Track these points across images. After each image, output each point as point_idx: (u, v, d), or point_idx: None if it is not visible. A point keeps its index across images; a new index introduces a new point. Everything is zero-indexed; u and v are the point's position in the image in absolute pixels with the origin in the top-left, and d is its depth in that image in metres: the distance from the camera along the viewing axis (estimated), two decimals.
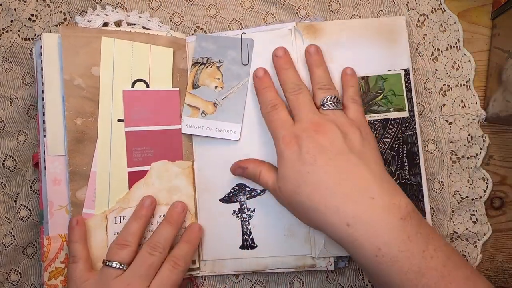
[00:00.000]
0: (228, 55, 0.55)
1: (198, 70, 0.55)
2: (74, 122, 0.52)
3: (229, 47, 0.55)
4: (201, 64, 0.55)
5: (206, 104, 0.55)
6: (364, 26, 0.55)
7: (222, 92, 0.55)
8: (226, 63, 0.55)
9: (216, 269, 0.56)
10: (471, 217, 0.58)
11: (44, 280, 0.52)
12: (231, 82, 0.55)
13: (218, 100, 0.55)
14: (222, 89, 0.55)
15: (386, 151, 0.54)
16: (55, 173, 0.52)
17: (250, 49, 0.55)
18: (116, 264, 0.47)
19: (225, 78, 0.55)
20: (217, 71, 0.55)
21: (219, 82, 0.55)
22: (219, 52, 0.55)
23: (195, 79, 0.55)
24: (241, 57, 0.55)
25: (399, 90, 0.55)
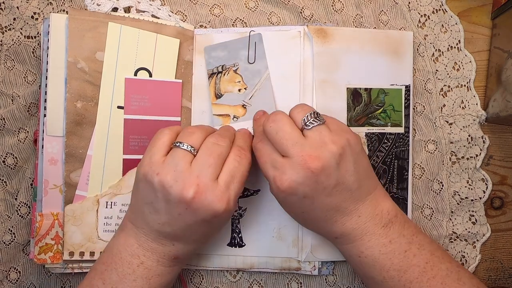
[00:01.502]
0: (242, 56, 0.55)
1: (216, 80, 0.55)
2: (75, 104, 0.52)
3: (240, 48, 0.55)
4: (217, 73, 0.55)
5: (236, 109, 0.55)
6: (373, 37, 0.55)
7: (247, 92, 0.55)
8: (241, 64, 0.55)
9: (202, 263, 0.57)
10: (470, 218, 0.58)
11: (34, 254, 0.53)
12: (253, 80, 0.55)
13: (245, 101, 0.55)
14: (246, 90, 0.55)
15: (378, 164, 0.55)
16: (52, 153, 0.53)
17: (258, 44, 0.55)
18: (186, 146, 0.46)
19: (246, 78, 0.55)
20: (236, 74, 0.55)
21: (241, 84, 0.55)
22: (231, 56, 0.55)
23: (217, 89, 0.55)
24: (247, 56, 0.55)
25: (399, 105, 0.56)
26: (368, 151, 0.55)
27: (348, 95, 0.55)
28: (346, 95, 0.55)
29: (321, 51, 0.54)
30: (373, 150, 0.55)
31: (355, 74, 0.55)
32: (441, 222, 0.58)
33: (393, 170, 0.55)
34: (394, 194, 0.55)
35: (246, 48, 0.55)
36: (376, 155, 0.55)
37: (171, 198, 0.44)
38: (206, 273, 0.58)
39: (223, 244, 0.56)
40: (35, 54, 0.56)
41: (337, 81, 0.54)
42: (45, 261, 0.53)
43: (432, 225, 0.58)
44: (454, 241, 0.58)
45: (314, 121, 0.46)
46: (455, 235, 0.58)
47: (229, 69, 0.55)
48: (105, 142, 0.53)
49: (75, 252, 0.53)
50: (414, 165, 0.58)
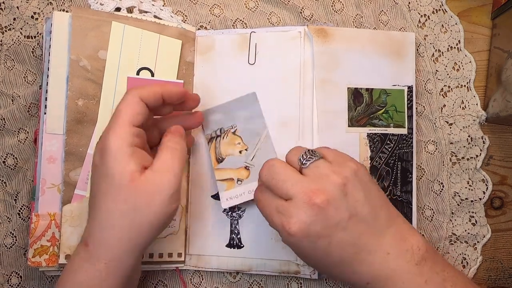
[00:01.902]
0: (239, 117, 0.55)
1: (216, 144, 0.55)
2: (76, 102, 0.52)
3: (237, 109, 0.55)
4: (216, 137, 0.55)
5: (239, 171, 0.54)
6: (374, 37, 0.55)
7: (248, 153, 0.54)
8: (240, 125, 0.55)
9: (201, 264, 0.56)
10: (470, 219, 0.58)
11: (28, 256, 0.52)
12: (253, 140, 0.54)
13: (248, 163, 0.54)
14: (247, 151, 0.54)
15: (381, 166, 0.55)
16: (51, 151, 0.52)
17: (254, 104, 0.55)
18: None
19: (246, 139, 0.54)
20: (235, 136, 0.55)
21: (241, 145, 0.54)
22: (228, 118, 0.55)
23: (217, 153, 0.55)
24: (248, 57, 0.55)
25: (401, 106, 0.55)
26: (371, 152, 0.55)
27: (349, 95, 0.55)
28: (347, 95, 0.55)
29: (322, 51, 0.54)
30: (375, 151, 0.55)
31: (356, 74, 0.55)
32: (442, 224, 0.58)
33: (396, 172, 0.55)
34: (398, 197, 0.55)
35: (243, 108, 0.55)
36: (379, 156, 0.55)
37: None
38: (206, 274, 0.58)
39: (222, 245, 0.56)
40: (35, 54, 0.56)
41: (337, 80, 0.54)
42: (40, 264, 0.52)
43: (433, 227, 0.58)
44: (455, 243, 0.58)
45: (310, 158, 0.44)
46: (455, 236, 0.58)
47: (228, 131, 0.55)
48: None
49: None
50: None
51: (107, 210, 0.42)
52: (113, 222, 0.42)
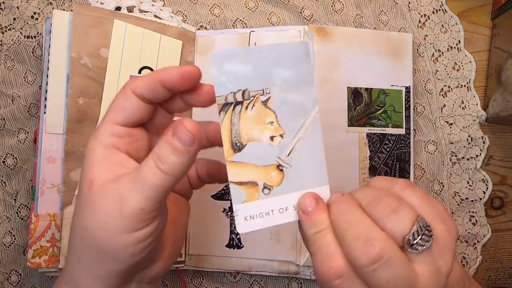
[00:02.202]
0: (276, 77, 0.33)
1: (233, 118, 0.32)
2: (77, 101, 0.51)
3: (276, 63, 0.32)
4: (234, 104, 0.32)
5: (267, 171, 0.33)
6: (374, 37, 0.55)
7: (284, 143, 0.33)
8: (276, 91, 0.33)
9: (201, 264, 0.56)
10: (470, 219, 0.58)
11: (27, 257, 0.51)
12: (294, 123, 0.33)
13: (282, 159, 0.33)
14: (283, 138, 0.33)
15: (380, 165, 0.55)
16: (50, 151, 0.52)
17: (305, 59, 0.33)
18: None
19: (282, 118, 0.33)
20: (266, 109, 0.33)
21: (275, 127, 0.33)
22: (259, 76, 0.32)
23: (234, 135, 0.32)
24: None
25: (399, 106, 0.56)
26: (370, 151, 0.55)
27: (348, 94, 0.55)
28: (347, 94, 0.55)
29: (322, 50, 0.54)
30: (374, 151, 0.55)
31: (356, 73, 0.55)
32: None
33: (395, 172, 0.55)
34: None
35: (285, 64, 0.32)
36: (378, 156, 0.55)
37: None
38: (206, 274, 0.58)
39: (222, 245, 0.56)
40: (35, 54, 0.56)
41: (337, 80, 0.54)
42: (40, 265, 0.51)
43: None
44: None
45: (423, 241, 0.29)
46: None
47: (256, 98, 0.32)
48: None
49: None
50: (415, 165, 0.58)
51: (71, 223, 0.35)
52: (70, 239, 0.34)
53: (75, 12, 0.51)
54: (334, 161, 0.54)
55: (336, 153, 0.54)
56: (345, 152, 0.54)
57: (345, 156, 0.54)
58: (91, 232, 0.32)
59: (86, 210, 0.32)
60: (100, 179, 0.32)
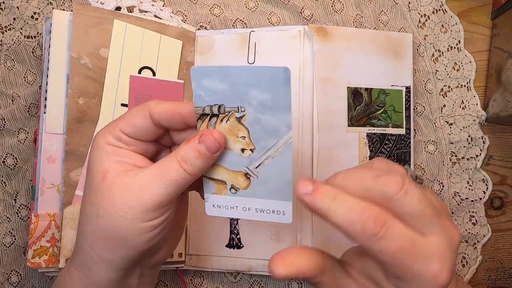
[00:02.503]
0: (253, 98, 0.33)
1: (209, 127, 0.35)
2: (77, 101, 0.51)
3: (254, 84, 0.33)
4: (210, 116, 0.35)
5: (235, 176, 0.37)
6: (374, 37, 0.55)
7: (254, 156, 0.36)
8: (251, 110, 0.34)
9: (201, 264, 0.56)
10: (470, 219, 0.58)
11: (27, 257, 0.51)
12: (266, 142, 0.35)
13: (250, 170, 0.37)
14: (253, 153, 0.36)
15: None
16: (50, 151, 0.52)
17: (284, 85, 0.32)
18: None
19: (255, 135, 0.35)
20: (239, 125, 0.35)
21: (247, 142, 0.35)
22: (236, 94, 0.34)
23: None
24: (247, 57, 0.55)
25: (399, 106, 0.55)
26: (370, 152, 0.55)
27: (348, 94, 0.55)
28: (347, 94, 0.55)
29: (322, 50, 0.54)
30: (374, 151, 0.55)
31: (356, 73, 0.55)
32: None
33: None
34: None
35: (263, 86, 0.33)
36: (378, 156, 0.55)
37: None
38: (207, 274, 0.58)
39: (222, 245, 0.56)
40: (35, 54, 0.56)
41: (337, 79, 0.54)
42: (40, 265, 0.51)
43: None
44: None
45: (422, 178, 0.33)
46: None
47: (231, 114, 0.35)
48: None
49: None
50: (415, 165, 0.58)
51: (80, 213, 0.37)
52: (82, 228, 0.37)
53: (75, 12, 0.51)
54: (334, 161, 0.54)
55: (336, 153, 0.54)
56: (345, 152, 0.54)
57: (345, 156, 0.54)
58: (107, 220, 0.34)
59: (101, 200, 0.34)
60: (114, 172, 0.35)
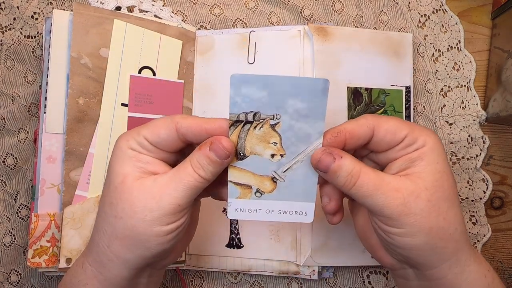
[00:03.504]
0: (289, 107, 0.36)
1: (241, 133, 0.37)
2: (77, 101, 0.51)
3: (292, 93, 0.36)
4: (245, 123, 0.37)
5: (261, 180, 0.39)
6: (374, 37, 0.55)
7: (282, 161, 0.38)
8: (286, 118, 0.37)
9: (201, 264, 0.56)
10: (470, 218, 0.58)
11: (27, 257, 0.51)
12: (296, 147, 0.38)
13: (278, 174, 0.39)
14: (282, 158, 0.38)
15: None
16: (50, 151, 0.52)
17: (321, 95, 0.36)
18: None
19: (286, 141, 0.38)
20: (273, 132, 0.37)
21: (277, 148, 0.38)
22: (273, 102, 0.36)
23: (240, 146, 0.38)
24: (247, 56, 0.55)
25: (399, 106, 0.55)
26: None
27: (348, 94, 0.55)
28: (347, 94, 0.55)
29: (322, 49, 0.54)
30: None
31: (356, 73, 0.55)
32: None
33: None
34: None
35: (301, 96, 0.36)
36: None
37: None
38: (207, 274, 0.58)
39: (222, 245, 0.56)
40: (35, 54, 0.56)
41: (337, 79, 0.54)
42: (40, 264, 0.51)
43: None
44: None
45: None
46: None
47: (266, 121, 0.37)
48: (108, 140, 0.53)
49: (73, 258, 0.51)
50: None
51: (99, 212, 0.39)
52: (99, 225, 0.38)
53: (75, 12, 0.51)
54: None
55: None
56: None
57: None
58: (126, 221, 0.36)
59: (120, 201, 0.36)
60: (133, 175, 0.37)
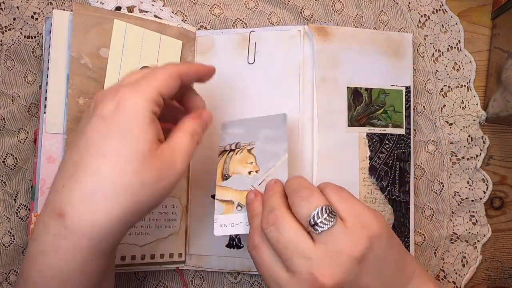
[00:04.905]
0: (260, 135, 0.48)
1: (227, 159, 0.49)
2: (77, 101, 0.51)
3: (261, 127, 0.49)
4: (229, 151, 0.49)
5: (241, 195, 0.46)
6: (373, 37, 0.55)
7: (257, 176, 0.47)
8: (258, 144, 0.48)
9: (201, 264, 0.56)
10: (470, 219, 0.58)
11: None
12: (267, 163, 0.47)
13: (254, 187, 0.46)
14: (257, 173, 0.47)
15: (380, 166, 0.55)
16: (50, 151, 0.52)
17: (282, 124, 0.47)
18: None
19: (260, 160, 0.47)
20: (249, 154, 0.48)
21: (253, 165, 0.47)
22: (249, 134, 0.49)
23: (225, 169, 0.48)
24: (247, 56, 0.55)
25: (399, 106, 0.56)
26: (370, 151, 0.55)
27: (348, 94, 0.55)
28: (347, 94, 0.55)
29: (322, 49, 0.54)
30: (374, 151, 0.55)
31: (356, 73, 0.55)
32: (442, 223, 0.58)
33: (394, 172, 0.55)
34: (397, 197, 0.55)
35: (268, 127, 0.48)
36: (378, 156, 0.55)
37: None
38: (207, 275, 0.58)
39: (222, 245, 0.56)
40: (35, 54, 0.56)
41: (337, 79, 0.54)
42: None
43: (433, 226, 0.58)
44: (455, 242, 0.58)
45: (325, 222, 0.37)
46: (456, 235, 0.58)
47: (243, 147, 0.48)
48: None
49: None
50: (415, 165, 0.58)
51: (105, 177, 0.35)
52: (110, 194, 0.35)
53: (75, 12, 0.51)
54: (334, 161, 0.54)
55: (336, 153, 0.54)
56: (345, 152, 0.54)
57: (345, 156, 0.54)
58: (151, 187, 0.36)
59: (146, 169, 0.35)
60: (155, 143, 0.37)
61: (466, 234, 0.58)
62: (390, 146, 0.55)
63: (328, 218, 0.37)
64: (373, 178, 0.55)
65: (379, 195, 0.54)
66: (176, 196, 0.56)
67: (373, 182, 0.55)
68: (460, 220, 0.58)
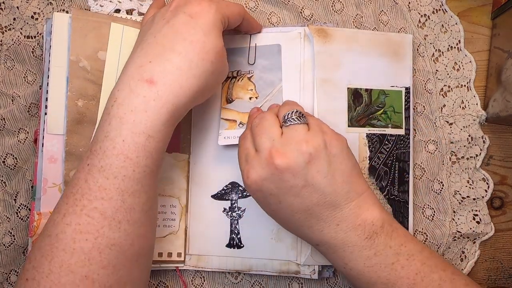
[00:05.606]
0: (258, 64, 0.55)
1: (230, 85, 0.55)
2: (76, 103, 0.52)
3: (258, 56, 0.55)
4: (231, 78, 0.55)
5: (243, 116, 0.54)
6: (373, 39, 0.55)
7: (257, 101, 0.55)
8: (257, 72, 0.55)
9: (201, 264, 0.56)
10: (474, 217, 0.58)
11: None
12: (265, 90, 0.55)
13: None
14: (257, 99, 0.55)
15: (380, 166, 0.55)
16: (52, 151, 0.52)
17: (276, 55, 0.55)
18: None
19: (259, 87, 0.55)
20: (249, 82, 0.55)
21: (253, 92, 0.55)
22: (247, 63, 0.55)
23: (228, 94, 0.55)
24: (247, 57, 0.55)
25: (399, 107, 0.56)
26: (370, 152, 0.55)
27: (348, 95, 0.55)
28: (347, 95, 0.55)
29: (322, 50, 0.54)
30: (374, 151, 0.55)
31: (356, 74, 0.55)
32: (444, 222, 0.58)
33: (394, 172, 0.55)
34: (396, 197, 0.55)
35: (264, 57, 0.55)
36: (378, 156, 0.55)
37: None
38: (207, 275, 0.58)
39: (222, 245, 0.56)
40: (35, 54, 0.56)
41: (337, 80, 0.54)
42: None
43: (435, 225, 0.58)
44: (457, 240, 0.58)
45: (293, 119, 0.46)
46: (459, 233, 0.58)
47: (244, 75, 0.55)
48: None
49: None
50: (415, 165, 0.58)
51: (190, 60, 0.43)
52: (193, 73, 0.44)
53: (74, 18, 0.52)
54: None
55: None
56: None
57: None
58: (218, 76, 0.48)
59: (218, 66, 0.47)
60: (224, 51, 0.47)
61: (470, 233, 0.58)
62: (390, 147, 0.55)
63: (296, 118, 0.46)
64: (372, 178, 0.55)
65: (378, 195, 0.55)
66: (175, 195, 0.56)
67: (372, 182, 0.55)
68: (463, 219, 0.58)
